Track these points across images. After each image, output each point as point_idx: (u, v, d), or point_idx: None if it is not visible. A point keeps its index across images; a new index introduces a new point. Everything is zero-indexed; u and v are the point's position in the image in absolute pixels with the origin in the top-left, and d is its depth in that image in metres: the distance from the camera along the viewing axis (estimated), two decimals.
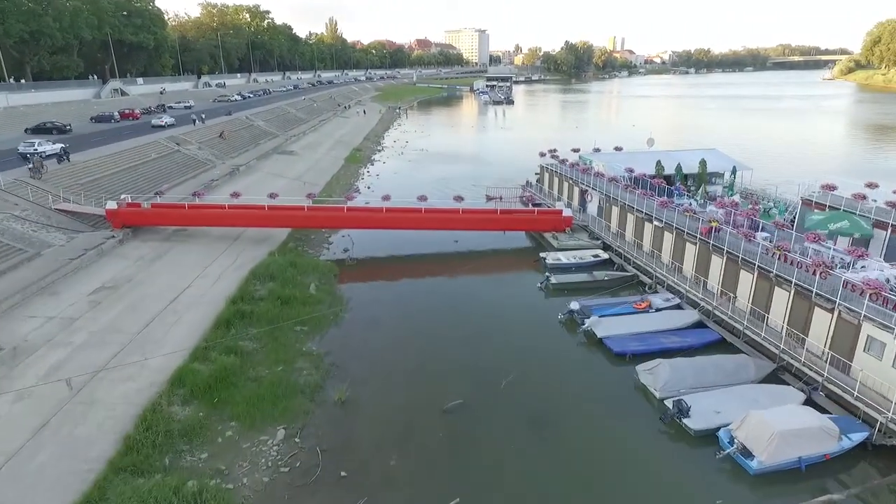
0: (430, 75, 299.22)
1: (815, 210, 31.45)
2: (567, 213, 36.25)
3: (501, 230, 36.92)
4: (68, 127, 58.35)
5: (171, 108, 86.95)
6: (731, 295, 24.30)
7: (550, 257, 32.58)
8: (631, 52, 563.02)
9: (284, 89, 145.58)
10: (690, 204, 34.49)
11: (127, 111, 71.14)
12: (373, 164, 67.46)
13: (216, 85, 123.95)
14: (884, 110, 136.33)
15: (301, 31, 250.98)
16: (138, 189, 42.23)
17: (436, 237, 37.27)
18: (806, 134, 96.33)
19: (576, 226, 36.89)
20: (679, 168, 40.55)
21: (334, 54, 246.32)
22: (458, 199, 36.17)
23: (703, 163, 41.98)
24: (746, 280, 23.69)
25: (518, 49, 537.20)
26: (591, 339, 23.93)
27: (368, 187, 54.40)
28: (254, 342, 23.16)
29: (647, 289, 28.80)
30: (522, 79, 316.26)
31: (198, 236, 35.57)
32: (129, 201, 34.78)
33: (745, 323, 22.75)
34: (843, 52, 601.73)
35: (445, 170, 62.80)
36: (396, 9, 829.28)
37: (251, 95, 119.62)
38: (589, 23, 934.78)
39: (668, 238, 29.31)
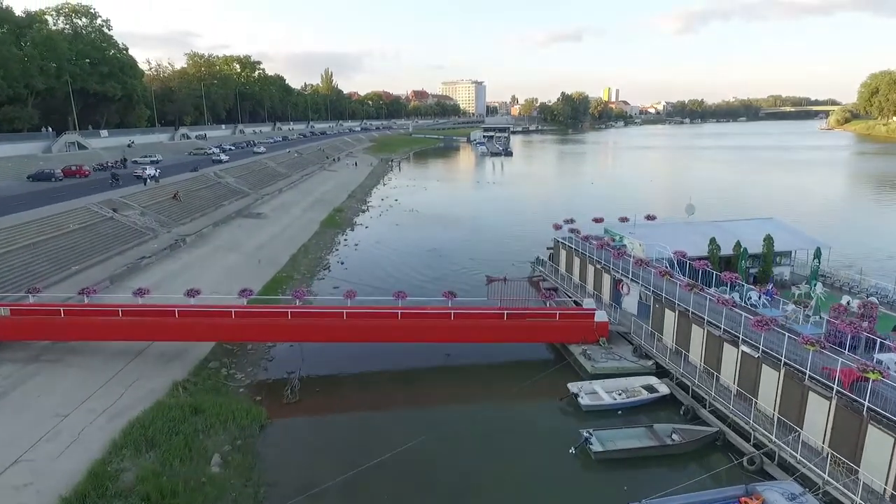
0: (426, 126, 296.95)
1: None
2: (601, 316, 26.09)
3: (509, 342, 26.67)
4: None
5: (135, 162, 78.50)
6: None
7: (584, 393, 22.14)
8: (626, 102, 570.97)
9: (272, 141, 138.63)
10: (765, 297, 24.67)
11: (73, 168, 62.10)
12: (353, 230, 57.59)
13: (196, 137, 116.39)
14: None
15: (298, 83, 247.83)
16: (33, 276, 32.21)
17: (419, 346, 27.03)
18: (844, 192, 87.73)
19: (611, 330, 26.72)
20: (742, 249, 30.70)
21: (329, 105, 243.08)
22: (450, 295, 26.05)
23: (769, 240, 32.27)
24: None
25: (514, 100, 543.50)
26: None
27: (341, 263, 44.40)
28: None
29: (745, 463, 18.24)
30: (520, 129, 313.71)
31: (84, 352, 25.15)
32: None
33: None
34: (833, 102, 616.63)
35: (438, 237, 53.02)
36: (395, 63, 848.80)
37: (233, 148, 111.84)
38: (583, 75, 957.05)
39: (771, 376, 19.01)
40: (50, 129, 77.41)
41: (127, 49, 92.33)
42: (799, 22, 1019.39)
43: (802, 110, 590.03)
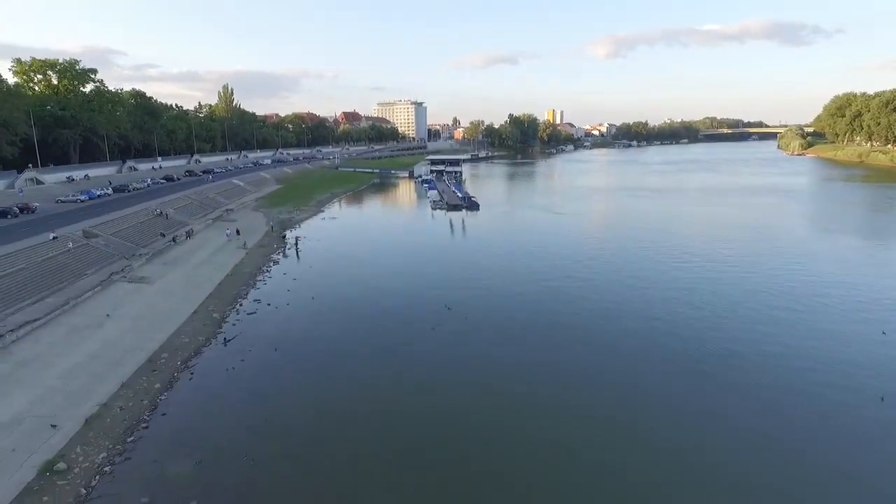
0: (359, 154, 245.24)
1: None
2: None
3: None
4: None
5: None
6: None
7: None
8: (571, 125, 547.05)
9: (83, 198, 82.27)
10: None
11: None
12: None
13: None
14: None
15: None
16: None
17: None
18: None
19: None
20: None
21: (227, 131, 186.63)
22: None
23: None
24: None
25: (456, 122, 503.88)
26: None
27: None
28: None
29: None
30: (468, 156, 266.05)
31: None
32: None
33: None
34: (761, 124, 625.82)
35: None
36: (332, 84, 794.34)
37: None
38: (525, 97, 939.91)
39: None
40: None
41: None
42: (717, 49, 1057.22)
43: (738, 132, 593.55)
